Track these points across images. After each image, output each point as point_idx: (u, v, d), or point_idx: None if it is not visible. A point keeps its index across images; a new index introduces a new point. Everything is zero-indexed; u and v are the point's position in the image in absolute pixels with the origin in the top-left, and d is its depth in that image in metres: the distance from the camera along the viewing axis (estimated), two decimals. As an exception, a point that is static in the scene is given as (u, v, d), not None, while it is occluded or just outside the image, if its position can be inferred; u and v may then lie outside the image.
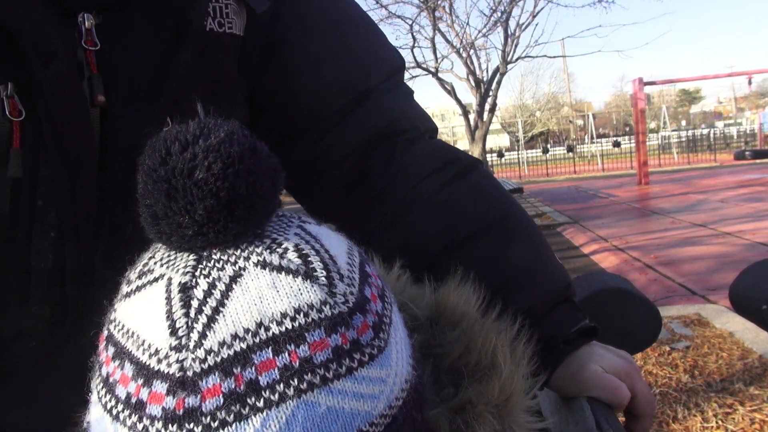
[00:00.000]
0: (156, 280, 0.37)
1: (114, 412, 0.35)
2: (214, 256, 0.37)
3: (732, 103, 55.01)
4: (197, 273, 0.36)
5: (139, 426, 0.34)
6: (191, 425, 0.33)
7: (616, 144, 24.21)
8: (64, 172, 0.60)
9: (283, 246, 0.37)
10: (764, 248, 5.77)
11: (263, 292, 0.35)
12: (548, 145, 31.56)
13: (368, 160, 0.77)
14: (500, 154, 23.22)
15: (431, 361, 0.49)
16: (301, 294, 0.36)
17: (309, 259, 0.37)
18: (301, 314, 0.35)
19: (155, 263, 0.39)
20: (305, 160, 0.78)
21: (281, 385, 0.33)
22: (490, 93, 9.33)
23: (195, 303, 0.35)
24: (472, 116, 9.43)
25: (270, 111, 0.77)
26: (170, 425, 0.33)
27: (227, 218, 0.36)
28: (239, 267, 0.36)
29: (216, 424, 0.33)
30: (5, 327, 0.64)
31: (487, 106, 9.45)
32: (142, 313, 0.36)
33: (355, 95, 0.76)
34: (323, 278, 0.37)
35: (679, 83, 26.68)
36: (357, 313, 0.37)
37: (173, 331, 0.34)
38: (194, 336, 0.34)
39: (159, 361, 0.34)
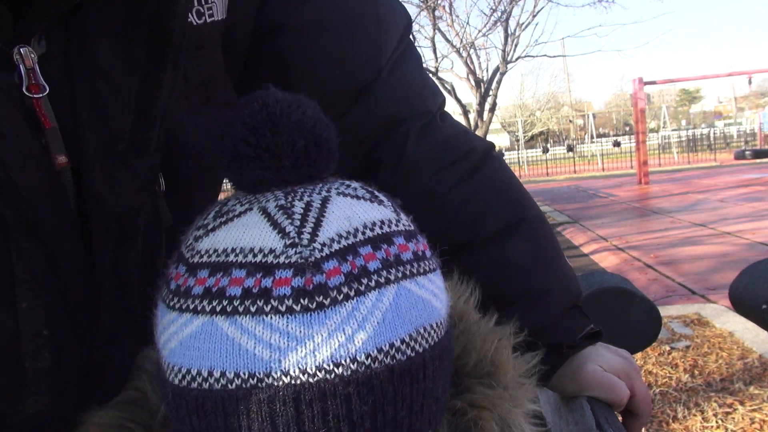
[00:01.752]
0: (244, 212, 0.41)
1: (229, 309, 0.38)
2: (299, 190, 0.42)
3: (732, 103, 54.97)
4: (289, 199, 0.41)
5: (267, 308, 0.37)
6: (320, 298, 0.37)
7: (616, 143, 24.21)
8: (45, 265, 0.48)
9: (352, 185, 0.45)
10: (764, 248, 5.76)
11: (351, 209, 0.42)
12: (548, 145, 31.58)
13: (378, 152, 0.71)
14: (500, 154, 23.18)
15: None
16: (380, 212, 0.43)
17: (375, 193, 0.45)
18: (385, 224, 0.42)
19: (234, 205, 0.43)
20: None
21: (384, 272, 0.40)
22: (490, 92, 9.32)
23: (297, 216, 0.40)
24: (472, 116, 9.42)
25: None
26: (302, 299, 0.37)
27: (316, 154, 0.43)
28: (325, 195, 0.42)
29: (341, 297, 0.37)
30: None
31: (487, 106, 9.43)
32: (240, 233, 0.40)
33: (362, 81, 0.68)
34: (390, 206, 0.45)
35: (679, 83, 26.66)
36: (418, 235, 0.45)
37: (284, 235, 0.39)
38: (305, 236, 0.39)
39: (277, 257, 0.38)
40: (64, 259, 0.49)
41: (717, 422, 2.52)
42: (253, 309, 0.37)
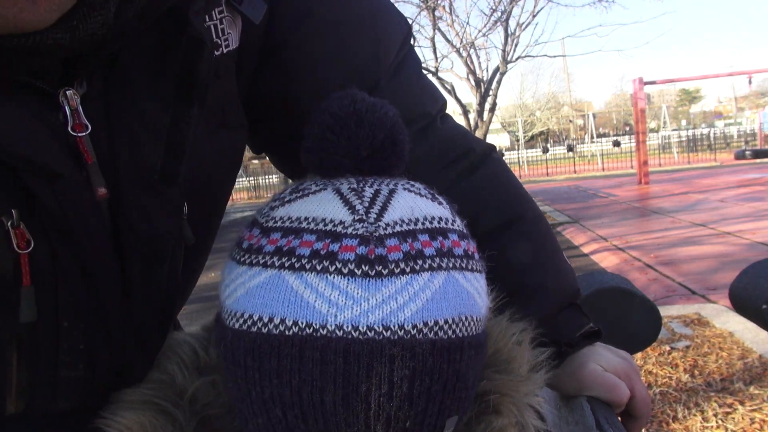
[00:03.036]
0: (319, 191, 0.46)
1: (297, 265, 0.42)
2: (370, 179, 0.47)
3: (732, 103, 54.97)
4: (361, 184, 0.46)
5: (331, 268, 0.41)
6: (380, 267, 0.41)
7: (616, 143, 24.23)
8: (85, 287, 0.52)
9: (415, 185, 0.49)
10: (764, 248, 5.76)
11: (414, 202, 0.46)
12: (548, 145, 31.57)
13: None
14: (500, 154, 23.16)
15: None
16: (439, 210, 0.47)
17: (435, 195, 0.50)
18: (443, 221, 0.46)
19: (309, 185, 0.48)
20: None
21: (437, 259, 0.44)
22: (490, 92, 9.31)
23: (367, 198, 0.45)
24: (472, 116, 9.41)
25: (267, 118, 0.71)
26: (363, 265, 0.41)
27: (391, 151, 0.48)
28: (392, 187, 0.47)
29: (398, 270, 0.41)
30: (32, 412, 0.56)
31: (487, 106, 9.42)
32: (314, 206, 0.45)
33: (362, 88, 0.67)
34: (448, 207, 0.49)
35: (679, 83, 26.68)
36: (469, 238, 0.49)
37: (353, 211, 0.43)
38: (372, 216, 0.43)
39: (345, 228, 0.43)
40: (102, 283, 0.53)
41: (717, 422, 2.52)
42: (318, 267, 0.41)
